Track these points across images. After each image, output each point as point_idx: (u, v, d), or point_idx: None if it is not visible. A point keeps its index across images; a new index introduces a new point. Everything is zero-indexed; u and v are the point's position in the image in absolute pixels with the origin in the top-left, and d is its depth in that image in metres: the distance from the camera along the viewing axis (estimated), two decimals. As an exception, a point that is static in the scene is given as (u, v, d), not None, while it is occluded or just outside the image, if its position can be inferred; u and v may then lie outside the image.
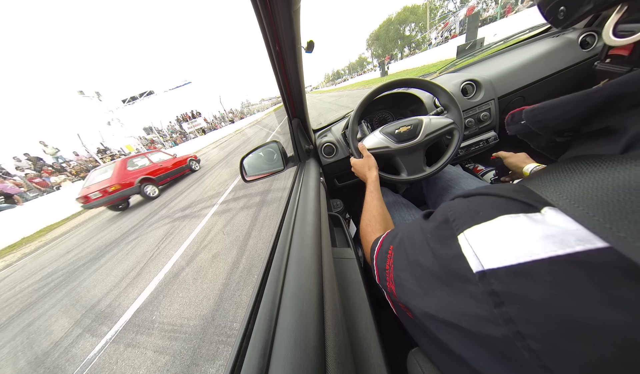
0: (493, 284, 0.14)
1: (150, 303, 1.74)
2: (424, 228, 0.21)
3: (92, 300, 2.14)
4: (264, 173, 0.80)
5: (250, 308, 0.28)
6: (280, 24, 0.38)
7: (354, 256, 0.45)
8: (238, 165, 0.78)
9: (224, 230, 2.52)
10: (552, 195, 0.14)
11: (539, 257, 0.12)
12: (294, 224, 0.41)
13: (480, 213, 0.16)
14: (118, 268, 2.62)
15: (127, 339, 1.47)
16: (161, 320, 1.52)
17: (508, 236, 0.14)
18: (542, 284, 0.12)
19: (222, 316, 1.36)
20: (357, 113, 0.68)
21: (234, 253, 1.98)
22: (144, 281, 2.10)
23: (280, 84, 0.56)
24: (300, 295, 0.26)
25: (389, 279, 0.25)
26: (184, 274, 1.96)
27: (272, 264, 0.33)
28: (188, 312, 1.49)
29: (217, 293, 1.57)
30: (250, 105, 57.56)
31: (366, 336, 0.30)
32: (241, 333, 0.25)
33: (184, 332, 1.34)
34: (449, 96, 0.63)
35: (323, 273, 0.31)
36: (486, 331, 0.14)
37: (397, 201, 0.70)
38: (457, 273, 0.16)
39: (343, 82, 66.52)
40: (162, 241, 2.87)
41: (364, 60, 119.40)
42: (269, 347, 0.21)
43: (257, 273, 1.64)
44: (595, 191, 0.12)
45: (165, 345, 1.31)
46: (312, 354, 0.20)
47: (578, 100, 0.16)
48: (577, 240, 0.12)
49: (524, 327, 0.12)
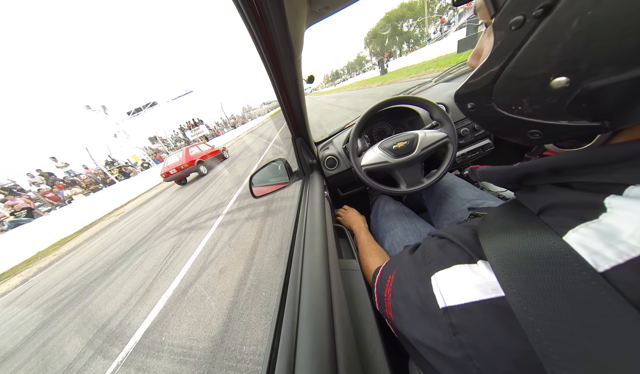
0: (451, 317, 0.18)
1: (159, 323, 1.74)
2: (410, 267, 0.26)
3: (103, 318, 2.15)
4: (272, 189, 0.85)
5: (275, 325, 0.31)
6: (285, 73, 0.45)
7: (359, 267, 0.50)
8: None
9: (230, 242, 2.51)
10: (487, 248, 0.19)
11: (473, 300, 0.18)
12: (304, 245, 0.44)
13: (444, 260, 0.22)
14: (128, 283, 2.64)
15: (137, 363, 1.46)
16: (170, 342, 1.50)
17: (458, 282, 0.19)
18: (477, 319, 0.17)
19: (231, 338, 1.33)
20: (357, 130, 0.72)
21: (240, 268, 1.95)
22: (153, 298, 2.10)
23: (284, 109, 0.62)
24: (314, 313, 0.29)
25: (387, 306, 0.29)
26: (192, 290, 1.95)
27: (289, 284, 0.37)
28: (197, 333, 1.47)
29: (226, 312, 1.54)
30: (251, 109, 58.13)
31: (372, 343, 0.34)
32: (269, 349, 0.29)
33: (194, 355, 1.32)
34: (442, 112, 0.68)
35: (332, 290, 0.34)
36: (451, 354, 0.19)
37: (399, 210, 0.75)
38: (431, 308, 0.21)
39: (342, 82, 66.40)
40: (170, 254, 2.89)
41: (362, 59, 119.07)
42: (292, 359, 0.25)
43: (264, 290, 1.62)
44: (508, 254, 0.17)
45: (175, 370, 1.29)
46: (326, 364, 0.24)
47: (507, 171, 0.22)
48: (492, 289, 0.17)
49: (470, 350, 0.17)
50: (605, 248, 0.13)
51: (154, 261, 2.89)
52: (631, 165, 0.14)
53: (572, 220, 0.15)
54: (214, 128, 35.51)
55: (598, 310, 0.12)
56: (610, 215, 0.14)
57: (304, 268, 0.38)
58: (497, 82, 0.19)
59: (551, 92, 0.15)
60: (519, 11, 0.15)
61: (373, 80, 23.44)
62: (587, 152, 0.16)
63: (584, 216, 0.15)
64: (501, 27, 0.17)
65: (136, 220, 5.93)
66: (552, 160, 0.18)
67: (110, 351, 1.67)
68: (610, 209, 0.14)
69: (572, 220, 0.15)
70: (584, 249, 0.14)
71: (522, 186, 0.23)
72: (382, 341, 0.34)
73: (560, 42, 0.14)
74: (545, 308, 0.14)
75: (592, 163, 0.16)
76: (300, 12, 0.34)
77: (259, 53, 0.39)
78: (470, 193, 0.65)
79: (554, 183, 0.19)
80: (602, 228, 0.14)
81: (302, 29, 0.39)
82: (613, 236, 0.13)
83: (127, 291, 2.46)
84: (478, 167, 0.27)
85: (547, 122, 0.17)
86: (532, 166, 0.20)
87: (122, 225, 6.03)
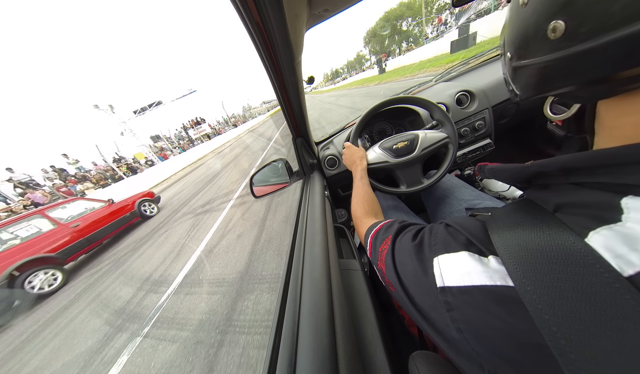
0: (447, 296, 0.20)
1: (194, 271, 2.29)
2: (412, 246, 0.27)
3: (144, 274, 2.70)
4: (272, 189, 0.86)
5: (276, 324, 0.32)
6: (285, 75, 0.45)
7: (359, 267, 0.49)
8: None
9: (244, 217, 3.06)
10: (499, 244, 0.19)
11: (475, 283, 0.19)
12: (305, 245, 0.45)
13: (452, 245, 0.23)
14: (158, 253, 3.18)
15: (184, 291, 2.01)
16: (207, 278, 2.05)
17: (463, 267, 0.20)
18: (476, 300, 0.18)
19: (253, 268, 1.89)
20: (357, 130, 0.74)
21: (255, 232, 2.50)
22: (184, 258, 2.65)
23: (285, 110, 0.64)
24: (315, 313, 0.30)
25: (380, 260, 0.32)
26: (217, 250, 2.50)
27: (290, 284, 0.38)
28: (227, 271, 2.02)
29: (247, 256, 2.09)
30: (251, 108, 58.70)
31: (372, 342, 0.34)
32: (270, 348, 0.30)
33: (227, 281, 1.87)
34: (442, 112, 0.69)
35: (332, 290, 0.35)
36: (441, 323, 0.21)
37: (398, 206, 0.77)
38: (429, 283, 0.23)
39: (342, 81, 67.33)
40: (191, 230, 3.43)
41: (362, 58, 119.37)
42: (293, 359, 0.26)
43: (275, 243, 2.16)
44: (522, 250, 0.17)
45: (214, 290, 1.84)
46: (327, 363, 0.25)
47: (518, 169, 0.23)
48: (499, 278, 0.18)
49: (461, 325, 0.19)
50: (630, 252, 0.13)
51: (178, 237, 3.43)
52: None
53: (591, 221, 0.15)
54: (216, 126, 36.06)
55: (621, 313, 0.12)
56: (629, 216, 0.14)
57: (304, 268, 0.39)
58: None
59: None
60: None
61: (371, 80, 24.07)
62: (605, 151, 0.16)
63: (604, 217, 0.15)
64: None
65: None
66: (567, 159, 0.18)
67: (159, 290, 2.22)
68: (627, 210, 0.14)
69: (591, 220, 0.15)
70: (607, 252, 0.13)
71: (532, 185, 0.23)
72: (383, 341, 0.34)
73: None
74: (562, 307, 0.14)
75: (609, 163, 0.16)
76: (300, 15, 0.34)
77: (260, 56, 0.39)
78: (467, 194, 0.66)
79: (568, 183, 0.18)
80: (626, 231, 0.13)
81: (302, 31, 0.39)
82: (638, 240, 0.13)
83: (159, 257, 3.00)
84: (487, 164, 0.26)
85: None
86: (545, 165, 0.20)
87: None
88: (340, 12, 0.41)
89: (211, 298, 1.76)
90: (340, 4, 0.39)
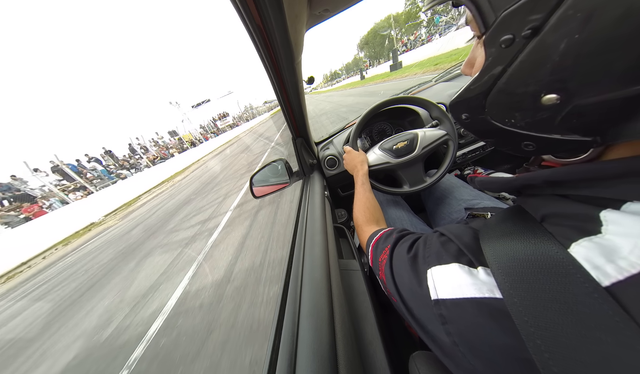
0: (441, 309, 0.20)
1: (229, 225, 2.99)
2: (407, 258, 0.28)
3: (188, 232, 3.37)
4: (272, 190, 0.84)
5: (275, 324, 0.32)
6: (285, 75, 0.47)
7: (359, 267, 0.49)
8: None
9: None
10: (489, 254, 0.20)
11: (466, 296, 0.19)
12: (304, 246, 0.45)
13: (443, 257, 0.23)
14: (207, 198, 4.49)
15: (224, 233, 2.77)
16: (231, 243, 2.47)
17: (454, 279, 0.21)
18: (468, 314, 0.19)
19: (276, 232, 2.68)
20: (357, 131, 0.74)
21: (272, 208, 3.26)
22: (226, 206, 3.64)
23: (285, 110, 0.64)
24: (315, 313, 0.30)
25: (381, 270, 0.32)
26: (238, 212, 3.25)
27: (289, 285, 0.38)
28: (252, 233, 2.52)
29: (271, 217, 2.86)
30: (253, 108, 63.50)
31: (372, 342, 0.34)
32: (270, 348, 0.30)
33: (252, 246, 2.23)
34: (441, 111, 0.70)
35: (332, 290, 0.35)
36: (439, 336, 0.21)
37: (398, 202, 0.78)
38: (423, 296, 0.23)
39: (337, 83, 71.26)
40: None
41: (359, 60, 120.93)
42: (293, 359, 0.26)
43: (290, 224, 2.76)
44: (510, 261, 0.17)
45: (239, 254, 2.19)
46: (327, 363, 0.25)
47: (505, 181, 0.23)
48: (488, 290, 0.18)
49: (456, 338, 0.19)
50: (606, 263, 0.13)
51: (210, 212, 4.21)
52: (628, 181, 0.15)
53: (574, 232, 0.16)
54: (234, 120, 45.74)
55: (599, 324, 0.12)
56: (607, 229, 0.14)
57: (304, 268, 0.39)
58: (489, 96, 0.19)
59: (543, 107, 0.16)
60: (509, 31, 0.16)
61: (354, 84, 33.21)
62: (584, 167, 0.16)
63: (586, 228, 0.15)
64: (492, 44, 0.17)
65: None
66: (549, 173, 0.19)
67: (205, 238, 2.90)
68: (606, 223, 0.14)
69: (574, 232, 0.16)
70: (587, 262, 0.14)
71: (522, 193, 0.24)
72: (383, 341, 0.34)
73: (549, 62, 0.14)
74: (546, 319, 0.14)
75: (589, 177, 0.16)
76: (300, 15, 0.34)
77: (260, 56, 0.39)
78: (466, 194, 0.66)
79: (554, 194, 0.19)
80: (604, 243, 0.14)
81: (302, 31, 0.39)
82: (614, 252, 0.13)
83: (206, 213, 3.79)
84: (478, 176, 0.28)
85: (540, 135, 0.18)
86: (531, 178, 0.20)
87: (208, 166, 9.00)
88: (340, 12, 0.42)
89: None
90: (340, 4, 0.40)
